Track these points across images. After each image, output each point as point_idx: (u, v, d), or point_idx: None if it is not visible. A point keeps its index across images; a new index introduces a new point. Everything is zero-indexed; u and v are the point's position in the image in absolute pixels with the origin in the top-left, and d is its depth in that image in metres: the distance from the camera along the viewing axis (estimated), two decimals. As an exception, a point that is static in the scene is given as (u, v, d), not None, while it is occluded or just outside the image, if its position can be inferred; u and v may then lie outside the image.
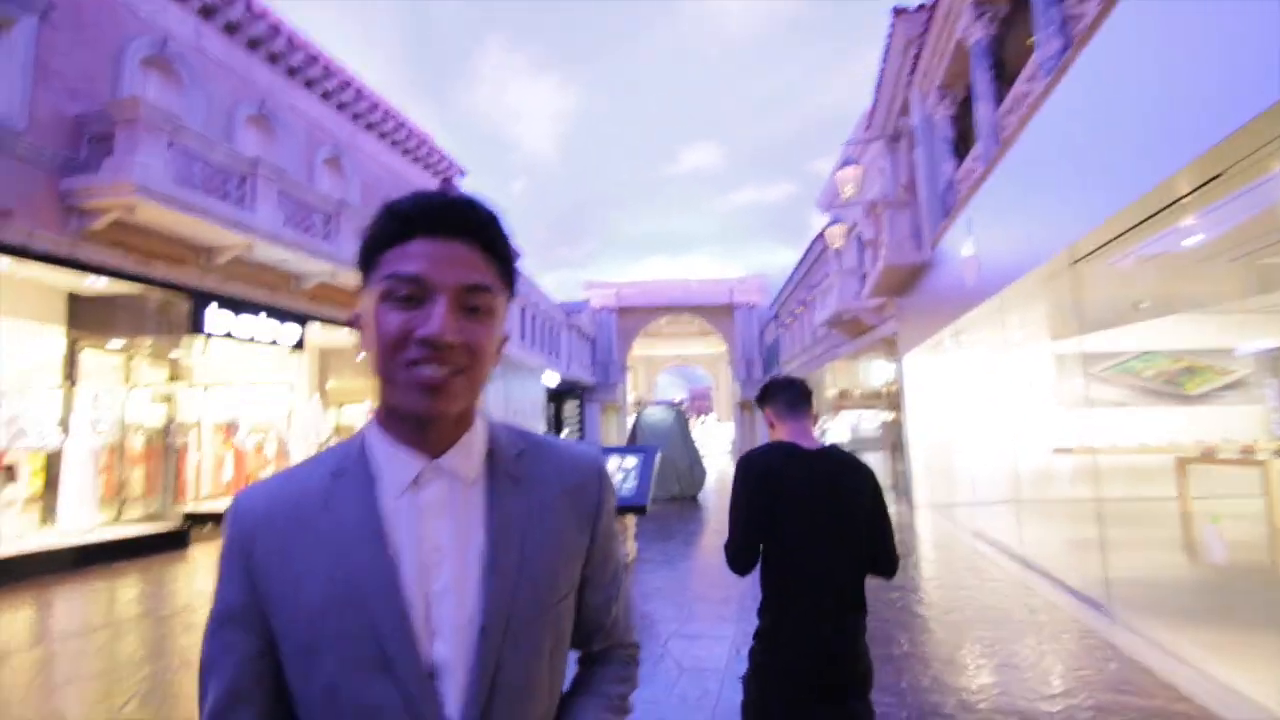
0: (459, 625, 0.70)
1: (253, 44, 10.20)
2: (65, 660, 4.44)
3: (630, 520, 7.62)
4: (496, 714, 0.70)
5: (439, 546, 0.71)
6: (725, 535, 1.96)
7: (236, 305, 9.54)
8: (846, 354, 17.08)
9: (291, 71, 10.96)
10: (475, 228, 0.70)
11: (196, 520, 9.70)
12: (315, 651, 0.67)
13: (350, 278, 11.20)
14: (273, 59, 10.59)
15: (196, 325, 9.02)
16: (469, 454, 0.74)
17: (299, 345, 10.80)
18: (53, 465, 8.26)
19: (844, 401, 18.04)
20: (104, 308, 9.16)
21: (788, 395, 2.02)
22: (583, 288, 34.17)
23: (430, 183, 15.27)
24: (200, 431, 11.44)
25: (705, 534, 9.76)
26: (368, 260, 0.71)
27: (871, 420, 15.66)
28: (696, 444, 14.97)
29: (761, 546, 1.88)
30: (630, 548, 7.58)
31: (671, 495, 13.80)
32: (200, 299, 9.05)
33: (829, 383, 18.95)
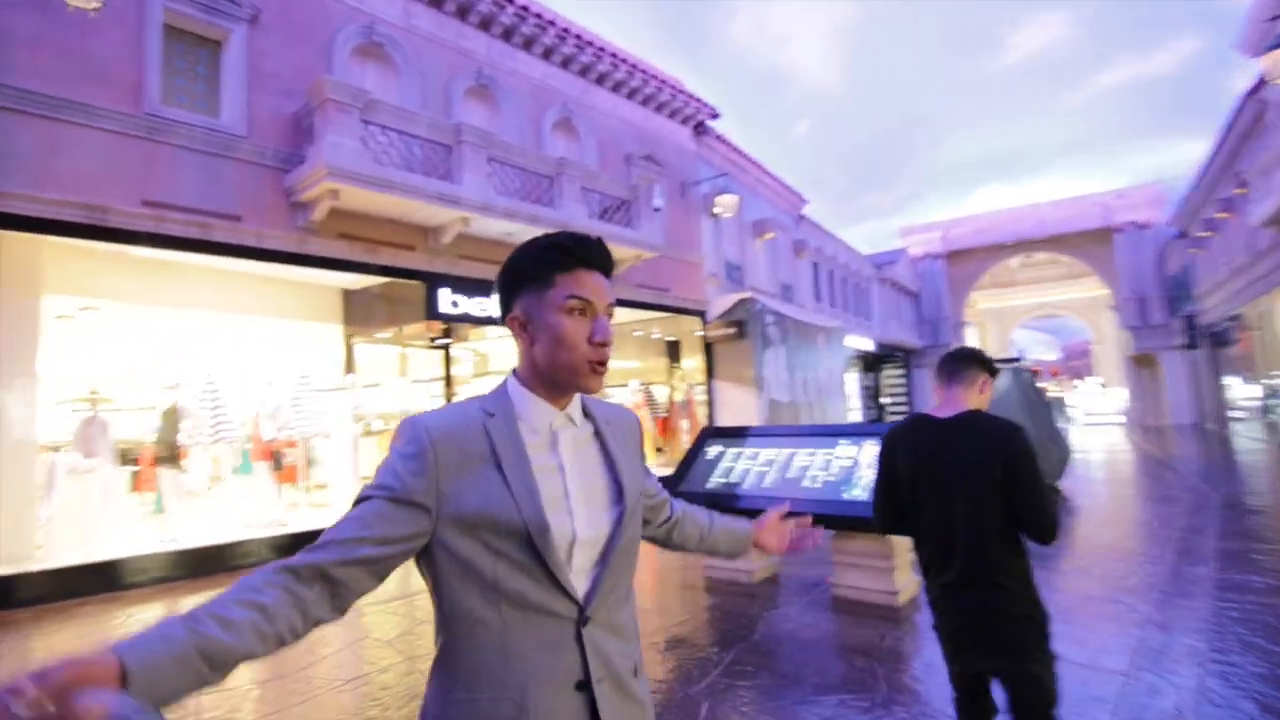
0: (594, 505, 1.05)
1: (462, 11, 9.77)
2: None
3: (901, 545, 4.88)
4: (610, 574, 1.04)
5: (566, 466, 1.05)
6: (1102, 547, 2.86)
7: (468, 286, 9.18)
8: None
9: (507, 33, 10.34)
10: (608, 264, 1.07)
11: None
12: (477, 530, 0.96)
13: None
14: (485, 24, 10.06)
15: (431, 310, 8.83)
16: (577, 407, 1.11)
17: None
18: (324, 454, 8.83)
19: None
20: (368, 301, 9.62)
21: (941, 368, 2.20)
22: (899, 235, 29.42)
23: (679, 132, 13.71)
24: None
25: (1069, 552, 6.28)
26: (539, 278, 1.03)
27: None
28: (1056, 414, 10.71)
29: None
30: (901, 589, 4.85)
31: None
32: (432, 282, 8.84)
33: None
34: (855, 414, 22.16)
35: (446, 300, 8.94)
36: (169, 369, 7.87)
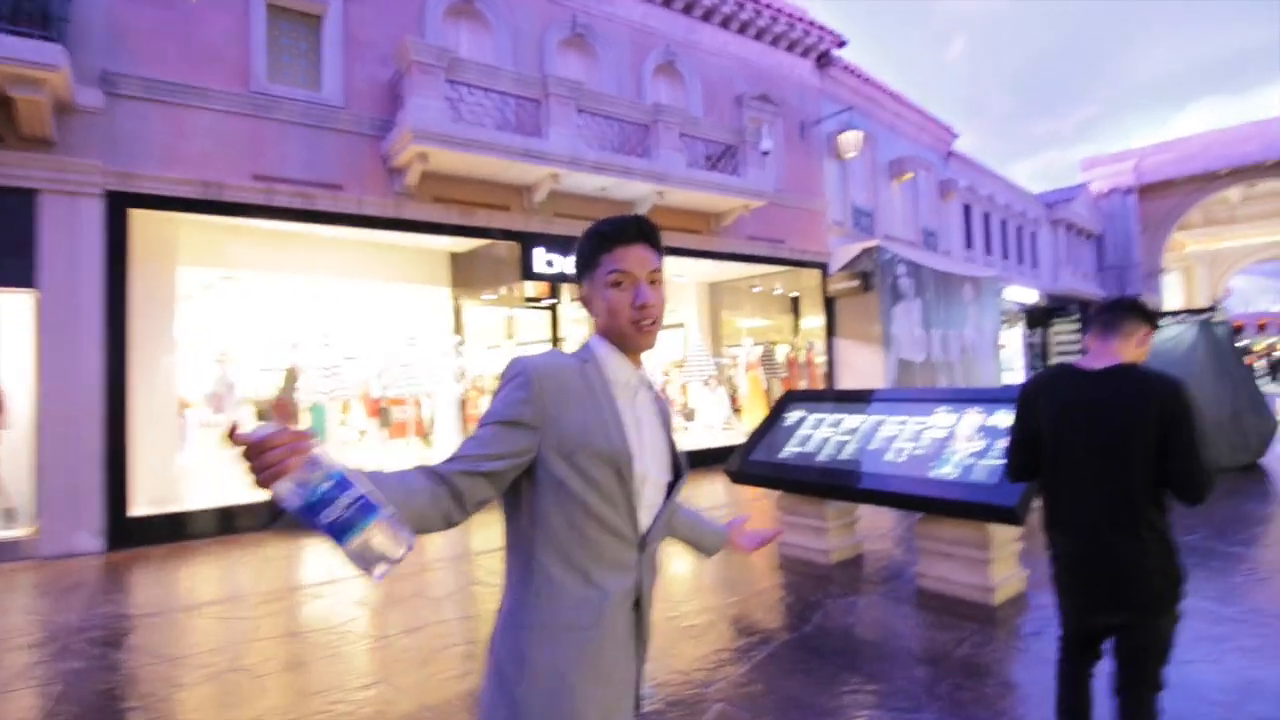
0: (658, 455, 1.23)
1: (553, -42, 9.42)
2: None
3: (1000, 534, 4.09)
4: (667, 514, 1.24)
5: (641, 416, 1.22)
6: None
7: (563, 244, 9.05)
8: None
9: (602, -25, 9.86)
10: (646, 234, 1.22)
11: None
12: (574, 454, 1.11)
13: (682, 197, 9.69)
14: (578, -32, 9.65)
15: (527, 270, 8.82)
16: (646, 374, 1.28)
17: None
18: (431, 411, 9.23)
19: None
20: (473, 263, 9.84)
21: (1096, 318, 2.09)
22: (1079, 169, 25.48)
23: (799, 66, 12.52)
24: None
25: (1254, 551, 5.04)
26: (589, 262, 1.23)
27: None
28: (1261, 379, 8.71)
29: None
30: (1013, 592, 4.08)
31: (1195, 463, 8.29)
32: (527, 242, 8.82)
33: None
34: (1016, 375, 19.75)
35: (541, 260, 8.88)
36: (290, 332, 8.53)
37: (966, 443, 4.33)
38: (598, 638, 1.11)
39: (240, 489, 7.30)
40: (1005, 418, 4.29)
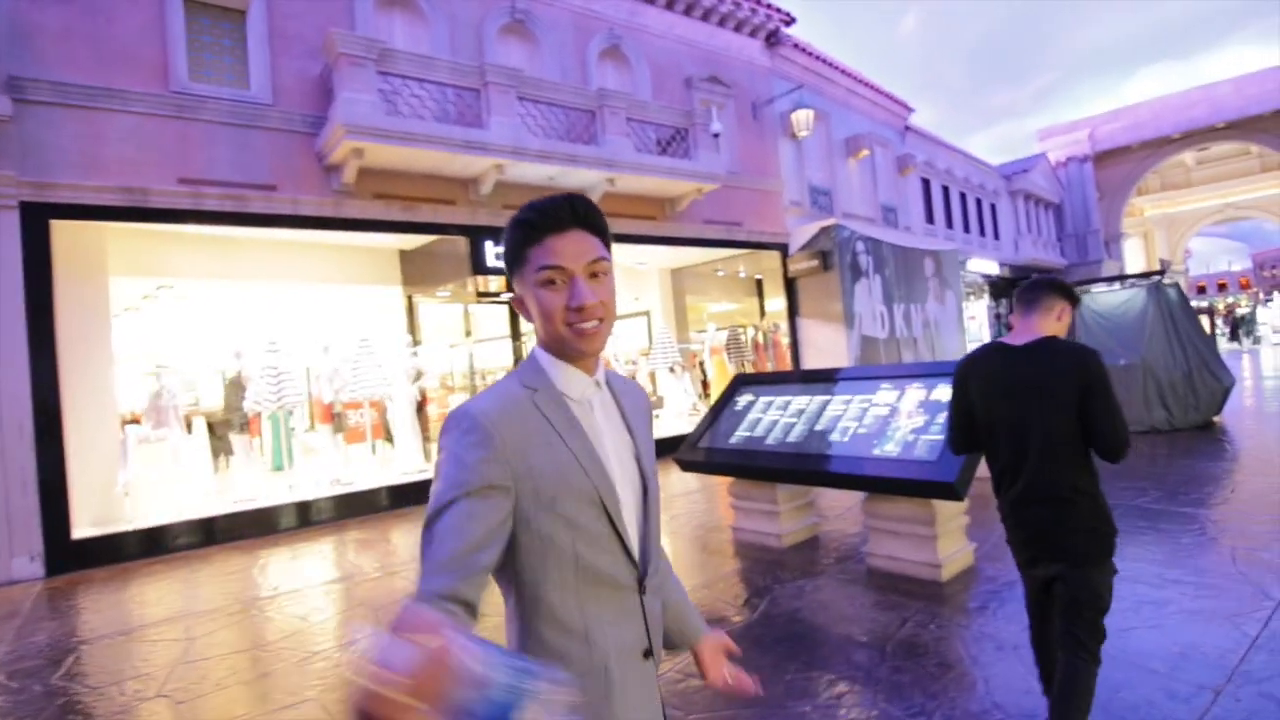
0: (628, 480, 1.06)
1: (488, -58, 9.17)
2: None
3: (945, 510, 4.05)
4: (651, 531, 1.08)
5: (603, 432, 1.05)
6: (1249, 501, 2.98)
7: (513, 237, 8.87)
8: None
9: (540, -41, 9.63)
10: (580, 217, 1.00)
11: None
12: (555, 502, 0.96)
13: (633, 182, 9.54)
14: (515, -48, 9.41)
15: (478, 265, 8.64)
16: (602, 371, 1.10)
17: (598, 270, 9.67)
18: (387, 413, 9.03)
19: None
20: (423, 260, 9.62)
21: (1019, 298, 2.25)
22: (1037, 139, 25.76)
23: (748, 46, 12.40)
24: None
25: (1205, 501, 5.08)
26: (516, 258, 1.03)
27: None
28: (1214, 338, 8.84)
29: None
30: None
31: (1151, 427, 8.40)
32: (476, 236, 8.62)
33: None
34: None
35: (492, 253, 8.70)
36: (234, 340, 8.26)
37: (908, 419, 4.29)
38: (611, 711, 0.98)
39: (182, 505, 7.08)
40: (945, 392, 4.25)
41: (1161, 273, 9.31)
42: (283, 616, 4.55)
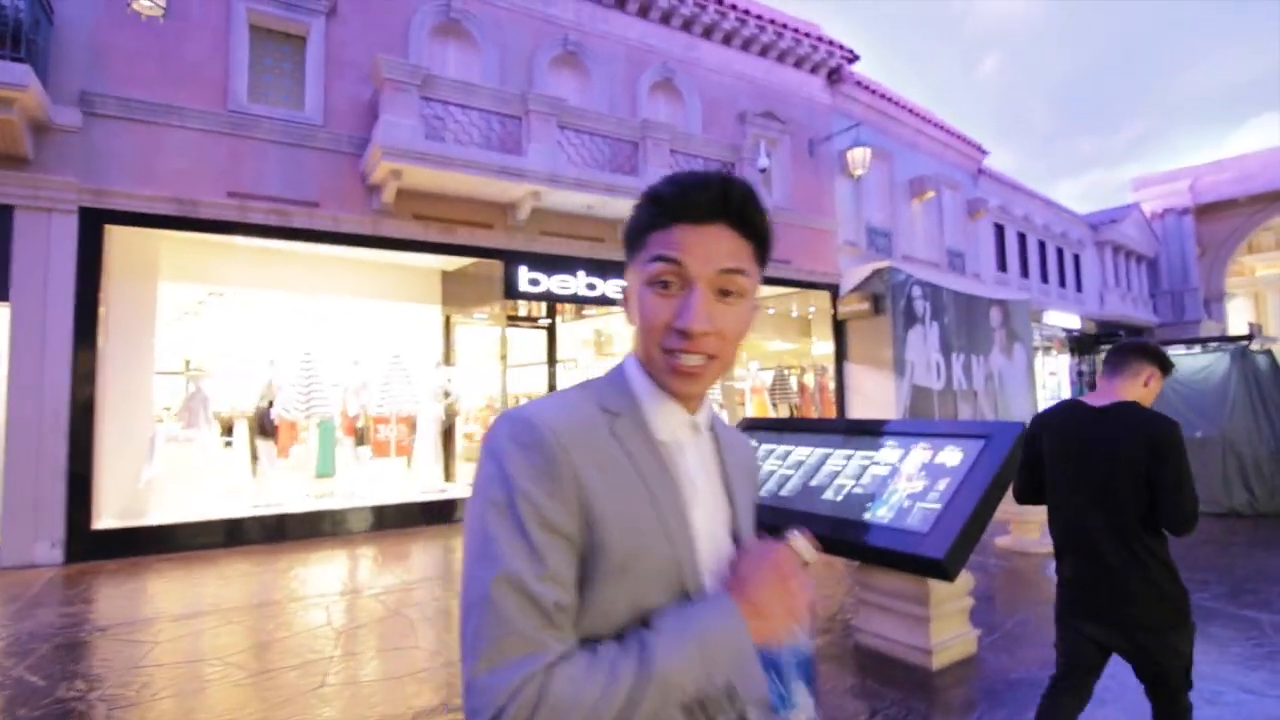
0: (716, 560, 0.79)
1: (546, -24, 9.37)
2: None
3: (943, 589, 3.61)
4: None
5: (694, 482, 0.80)
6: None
7: (548, 262, 8.88)
8: None
9: (596, -7, 9.76)
10: (732, 209, 0.74)
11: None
12: (626, 570, 0.69)
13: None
14: (571, -15, 9.58)
15: (510, 289, 8.68)
16: (708, 412, 0.85)
17: (633, 300, 9.53)
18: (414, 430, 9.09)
19: None
20: (462, 281, 9.75)
21: (1107, 360, 2.26)
22: (1130, 189, 24.20)
23: (808, 82, 12.16)
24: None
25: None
26: (634, 241, 0.79)
27: None
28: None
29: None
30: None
31: (1230, 510, 7.46)
32: (511, 260, 8.67)
33: None
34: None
35: (525, 278, 8.72)
36: (270, 348, 8.55)
37: (907, 482, 3.88)
38: None
39: (204, 506, 7.27)
40: (952, 455, 3.83)
41: (1250, 337, 8.37)
42: (260, 629, 4.51)
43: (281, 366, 8.08)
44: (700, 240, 0.73)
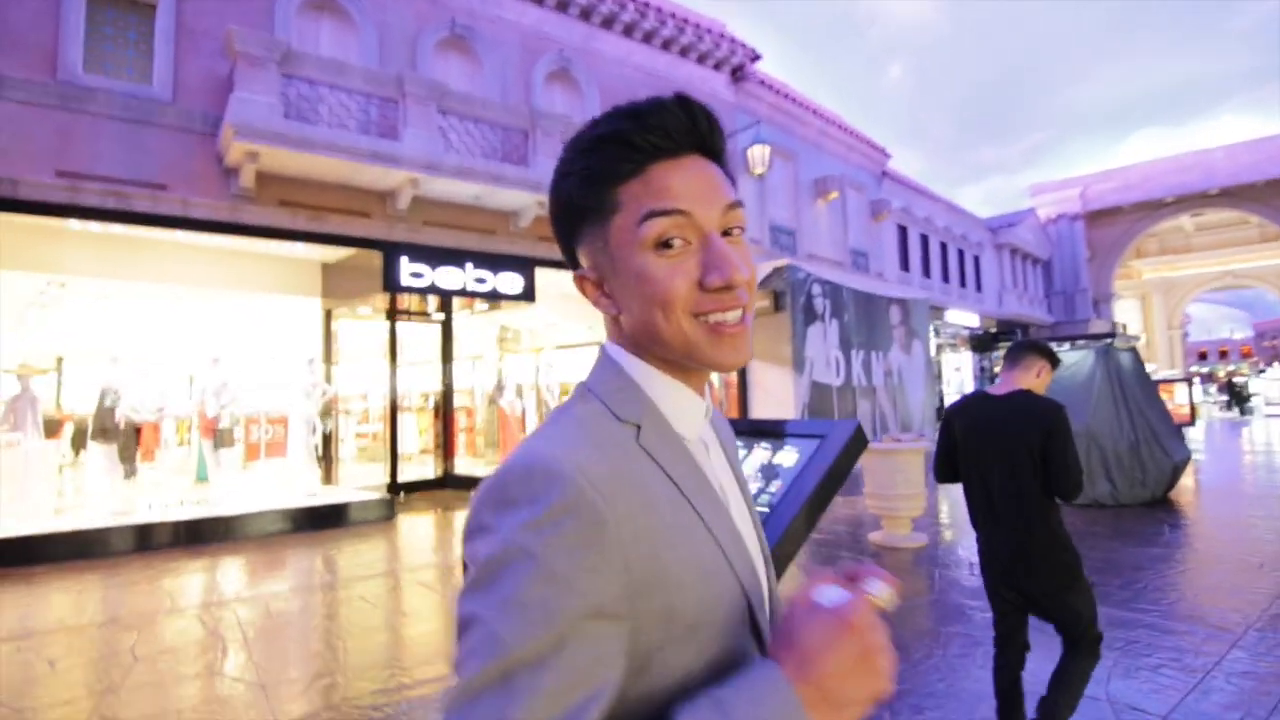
0: (752, 556, 0.63)
1: (430, -46, 8.97)
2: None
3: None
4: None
5: (721, 484, 0.64)
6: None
7: (433, 255, 8.47)
8: None
9: (486, -23, 9.43)
10: (704, 136, 0.60)
11: (405, 489, 9.04)
12: (698, 627, 0.55)
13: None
14: (459, -34, 9.21)
15: (391, 282, 8.23)
16: (708, 398, 0.69)
17: (526, 295, 9.26)
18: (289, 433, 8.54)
19: None
20: (343, 273, 9.22)
21: (1006, 355, 2.59)
22: (1027, 195, 25.51)
23: (711, 79, 12.16)
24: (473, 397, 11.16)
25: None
26: (592, 205, 0.59)
27: None
28: (1170, 406, 8.28)
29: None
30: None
31: (1094, 501, 7.80)
32: (391, 251, 8.22)
33: None
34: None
35: (407, 270, 8.29)
36: (125, 345, 7.84)
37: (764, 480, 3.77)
38: None
39: (44, 516, 6.55)
40: (788, 456, 3.73)
41: (1112, 335, 8.80)
42: (37, 659, 4.00)
43: (126, 365, 7.39)
44: (688, 179, 0.58)
